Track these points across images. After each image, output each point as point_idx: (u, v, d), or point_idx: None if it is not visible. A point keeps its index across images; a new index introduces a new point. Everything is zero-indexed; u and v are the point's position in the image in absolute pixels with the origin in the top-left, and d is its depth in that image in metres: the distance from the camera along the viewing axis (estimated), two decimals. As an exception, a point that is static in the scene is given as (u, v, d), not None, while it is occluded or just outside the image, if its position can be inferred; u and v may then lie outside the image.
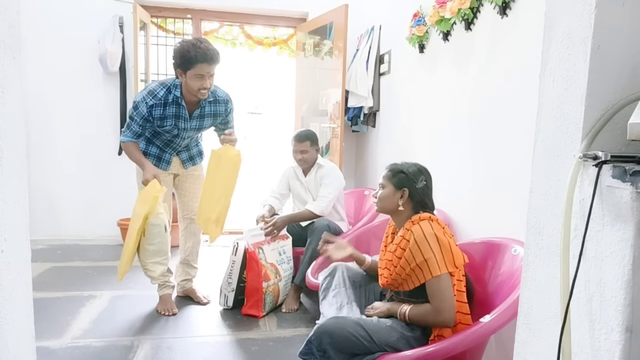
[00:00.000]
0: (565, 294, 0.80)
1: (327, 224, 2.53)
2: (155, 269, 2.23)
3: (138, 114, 2.16)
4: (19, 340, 0.99)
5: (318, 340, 1.43)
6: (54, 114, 3.71)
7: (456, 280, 1.47)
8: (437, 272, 1.42)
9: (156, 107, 2.16)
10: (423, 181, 1.60)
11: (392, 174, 1.62)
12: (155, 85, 2.21)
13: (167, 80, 2.25)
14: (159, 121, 2.20)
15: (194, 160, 2.51)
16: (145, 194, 2.14)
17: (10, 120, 0.92)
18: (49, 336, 2.07)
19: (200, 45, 2.08)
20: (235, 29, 4.33)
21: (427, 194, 1.61)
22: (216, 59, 2.12)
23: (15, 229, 0.95)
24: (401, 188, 1.59)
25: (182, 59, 2.09)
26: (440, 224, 1.52)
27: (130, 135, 2.22)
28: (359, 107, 3.57)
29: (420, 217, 1.54)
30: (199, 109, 2.28)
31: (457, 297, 1.46)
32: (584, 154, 0.79)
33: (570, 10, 0.85)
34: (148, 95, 2.16)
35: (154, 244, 2.18)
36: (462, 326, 1.45)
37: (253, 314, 2.38)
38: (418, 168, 1.63)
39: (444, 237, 1.47)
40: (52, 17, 3.60)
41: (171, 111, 2.20)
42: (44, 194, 3.71)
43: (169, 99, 2.19)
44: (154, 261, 2.22)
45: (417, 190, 1.58)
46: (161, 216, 2.17)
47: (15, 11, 0.92)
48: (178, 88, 2.20)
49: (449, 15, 2.15)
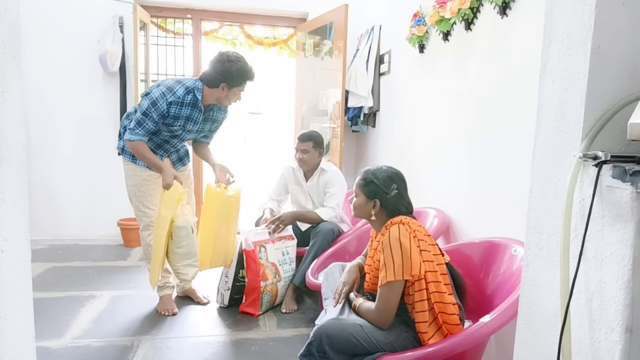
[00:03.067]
0: (565, 294, 0.80)
1: (331, 228, 2.53)
2: (187, 272, 2.22)
3: (156, 110, 2.12)
4: (19, 340, 0.99)
5: (317, 341, 1.44)
6: (54, 113, 3.71)
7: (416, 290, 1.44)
8: (391, 278, 1.42)
9: (174, 104, 2.15)
10: (394, 190, 1.59)
11: (364, 183, 1.63)
12: (172, 83, 2.18)
13: (184, 80, 2.22)
14: (171, 119, 2.18)
15: (183, 160, 2.50)
16: (168, 197, 2.13)
17: (10, 120, 0.92)
18: (49, 336, 2.07)
19: (248, 65, 2.24)
20: (235, 29, 4.33)
21: (399, 201, 1.60)
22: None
23: (15, 229, 0.95)
24: (372, 199, 1.60)
25: (238, 76, 2.20)
26: (411, 227, 1.49)
27: (142, 134, 2.16)
28: (359, 107, 3.57)
29: (392, 222, 1.53)
30: (207, 113, 2.31)
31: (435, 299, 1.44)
32: (584, 154, 0.79)
33: (570, 10, 0.85)
34: (168, 92, 2.13)
35: (182, 247, 2.18)
36: (447, 326, 1.44)
37: (250, 312, 2.38)
38: (389, 175, 1.61)
39: (409, 243, 1.44)
40: (52, 17, 3.60)
41: (185, 112, 2.20)
42: (44, 194, 3.71)
43: (186, 100, 2.18)
44: (184, 264, 2.21)
45: (388, 199, 1.58)
46: (187, 218, 2.18)
47: (15, 11, 0.92)
48: (200, 91, 2.20)
49: (449, 15, 2.15)
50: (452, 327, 1.44)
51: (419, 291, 1.45)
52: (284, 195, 2.87)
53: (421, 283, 1.44)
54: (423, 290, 1.44)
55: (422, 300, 1.44)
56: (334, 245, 2.51)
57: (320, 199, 2.73)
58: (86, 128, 3.76)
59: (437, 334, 1.45)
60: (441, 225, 2.18)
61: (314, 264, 2.36)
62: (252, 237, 2.39)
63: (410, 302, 1.47)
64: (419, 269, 1.43)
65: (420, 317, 1.44)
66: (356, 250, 2.48)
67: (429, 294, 1.45)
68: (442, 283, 1.47)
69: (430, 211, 2.31)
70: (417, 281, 1.44)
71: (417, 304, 1.45)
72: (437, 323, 1.45)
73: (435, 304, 1.45)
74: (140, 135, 2.16)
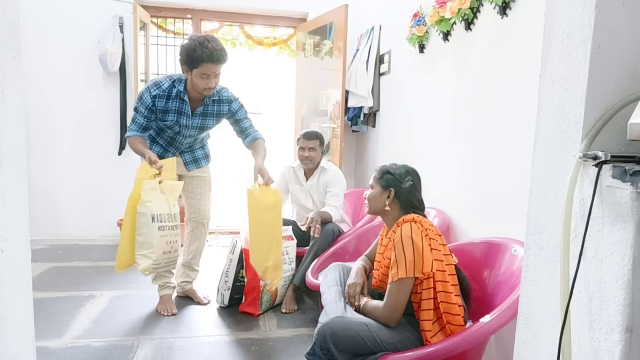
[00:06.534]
0: (565, 294, 0.80)
1: (331, 228, 2.53)
2: (141, 262, 2.07)
3: (142, 104, 2.15)
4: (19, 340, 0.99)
5: (322, 339, 1.43)
6: (54, 113, 3.71)
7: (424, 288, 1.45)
8: (402, 275, 1.43)
9: (160, 98, 2.16)
10: (410, 181, 1.61)
11: (380, 175, 1.66)
12: (161, 78, 2.20)
13: (174, 74, 2.25)
14: (161, 114, 2.18)
15: (198, 162, 2.46)
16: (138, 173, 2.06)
17: (10, 120, 0.92)
18: (49, 336, 2.07)
19: (207, 44, 2.04)
20: (235, 29, 4.33)
21: (414, 193, 1.62)
22: (222, 59, 2.10)
23: (15, 229, 0.95)
24: (388, 188, 1.62)
25: (188, 57, 2.06)
26: (423, 225, 1.50)
27: (135, 129, 2.19)
28: (359, 107, 3.57)
29: (404, 219, 1.54)
30: (202, 107, 2.26)
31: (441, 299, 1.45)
32: (584, 154, 0.79)
33: (570, 10, 0.85)
34: (153, 86, 2.16)
35: (141, 234, 2.06)
36: (451, 327, 1.45)
37: (249, 311, 2.38)
38: (406, 169, 1.65)
39: (421, 241, 1.45)
40: (52, 17, 3.60)
41: (174, 105, 2.19)
42: (44, 194, 3.71)
43: (172, 93, 2.18)
44: (140, 253, 2.07)
45: (403, 190, 1.60)
46: (149, 205, 2.03)
47: (15, 11, 0.92)
48: (183, 83, 2.19)
49: (449, 15, 2.15)
50: (455, 327, 1.44)
51: (427, 289, 1.45)
52: (285, 194, 2.87)
53: (429, 282, 1.45)
54: (430, 289, 1.45)
55: (429, 299, 1.45)
56: (334, 245, 2.51)
57: (320, 197, 2.73)
58: (86, 128, 3.76)
59: (440, 333, 1.45)
60: (441, 225, 2.18)
61: (314, 264, 2.36)
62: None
63: (417, 300, 1.48)
64: (430, 267, 1.44)
65: (425, 315, 1.45)
66: (356, 250, 2.48)
67: (436, 293, 1.45)
68: (450, 283, 1.48)
69: (430, 211, 2.31)
70: (425, 279, 1.45)
71: (424, 302, 1.45)
72: (441, 323, 1.46)
73: (441, 304, 1.45)
74: (133, 130, 2.20)
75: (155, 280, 2.43)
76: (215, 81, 2.14)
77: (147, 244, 2.05)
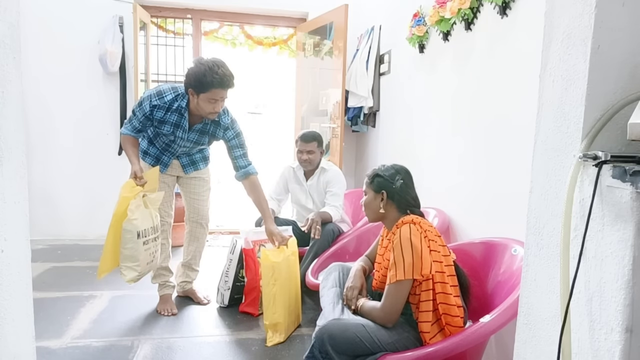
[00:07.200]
0: (565, 294, 0.80)
1: (331, 228, 2.52)
2: (126, 273, 2.11)
3: (140, 110, 2.15)
4: (19, 340, 0.99)
5: (320, 342, 1.43)
6: (54, 114, 3.70)
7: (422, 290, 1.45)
8: (400, 277, 1.42)
9: (159, 108, 2.14)
10: (400, 180, 1.61)
11: (370, 179, 1.66)
12: (166, 87, 2.17)
13: (179, 86, 2.19)
14: (158, 123, 2.18)
15: (196, 165, 2.44)
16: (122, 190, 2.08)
17: (10, 120, 0.92)
18: (49, 336, 2.07)
19: (217, 70, 2.01)
20: (235, 29, 4.33)
21: (407, 192, 1.62)
22: (232, 85, 2.08)
23: (15, 229, 0.95)
24: (379, 191, 1.62)
25: (197, 82, 2.03)
26: (422, 227, 1.50)
27: (129, 129, 2.20)
28: (359, 107, 3.57)
29: (403, 221, 1.54)
30: (201, 124, 2.23)
31: (440, 300, 1.45)
32: (584, 154, 0.79)
33: (570, 10, 0.85)
34: (155, 95, 2.14)
35: (127, 249, 2.09)
36: (450, 328, 1.45)
37: (249, 311, 2.38)
38: (395, 169, 1.65)
39: (419, 243, 1.45)
40: (52, 17, 3.60)
41: (172, 118, 2.17)
42: (44, 194, 3.70)
43: (173, 106, 2.15)
44: (126, 265, 2.11)
45: (395, 190, 1.60)
46: (135, 222, 2.06)
47: (15, 11, 0.92)
48: (186, 99, 2.15)
49: (449, 15, 2.15)
50: (454, 329, 1.44)
51: (426, 291, 1.45)
52: (284, 194, 2.87)
53: (428, 283, 1.45)
54: (429, 291, 1.45)
55: (428, 301, 1.45)
56: (334, 245, 2.51)
57: (320, 197, 2.73)
58: (86, 128, 3.76)
59: (439, 335, 1.45)
60: (441, 225, 2.18)
61: (314, 264, 2.36)
62: (251, 236, 2.38)
63: (415, 301, 1.48)
64: (429, 269, 1.44)
65: (424, 316, 1.45)
66: (356, 250, 2.48)
67: (435, 295, 1.45)
68: (449, 285, 1.48)
69: (430, 211, 2.31)
70: (424, 281, 1.45)
71: (422, 304, 1.45)
72: (440, 324, 1.45)
73: (440, 305, 1.45)
74: (128, 130, 2.21)
75: (155, 279, 2.44)
76: (221, 105, 2.13)
77: (132, 258, 2.09)
